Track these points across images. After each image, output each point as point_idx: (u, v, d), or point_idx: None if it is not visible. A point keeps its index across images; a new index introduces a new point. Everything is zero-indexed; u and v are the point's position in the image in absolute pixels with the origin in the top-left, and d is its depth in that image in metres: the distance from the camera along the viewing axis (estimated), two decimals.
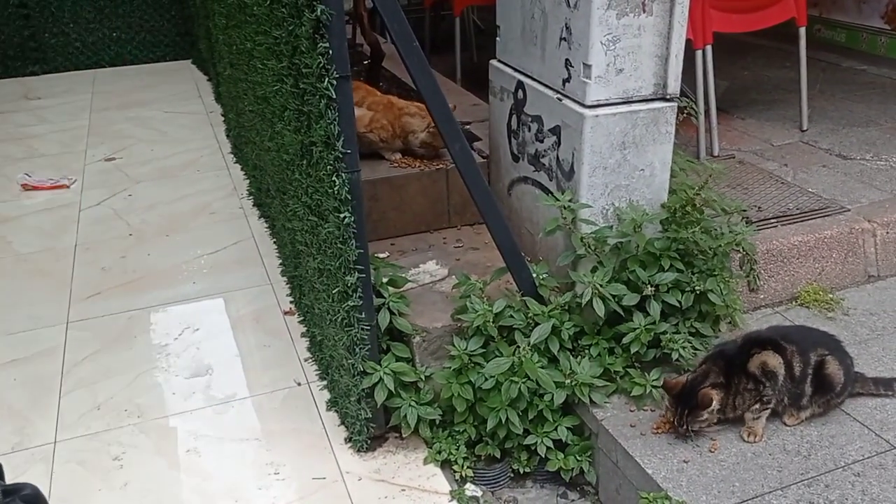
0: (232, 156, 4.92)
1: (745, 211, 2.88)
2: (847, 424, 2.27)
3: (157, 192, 4.47)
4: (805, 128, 3.99)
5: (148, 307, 3.34)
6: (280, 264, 3.58)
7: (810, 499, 2.01)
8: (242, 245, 3.85)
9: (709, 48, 3.58)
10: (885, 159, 3.64)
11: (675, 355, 2.40)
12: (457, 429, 2.49)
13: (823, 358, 2.23)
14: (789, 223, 3.03)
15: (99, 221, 4.15)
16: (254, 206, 4.22)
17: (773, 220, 3.05)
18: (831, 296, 2.88)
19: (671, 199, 2.57)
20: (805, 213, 3.11)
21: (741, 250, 2.60)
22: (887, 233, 3.05)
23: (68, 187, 4.55)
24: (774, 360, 2.19)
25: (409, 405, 2.45)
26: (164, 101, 6.11)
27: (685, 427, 2.16)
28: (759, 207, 3.16)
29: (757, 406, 2.20)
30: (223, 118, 5.42)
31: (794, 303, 2.88)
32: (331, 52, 2.02)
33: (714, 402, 2.15)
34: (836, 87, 4.65)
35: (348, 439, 2.58)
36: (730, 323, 2.64)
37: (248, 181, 4.44)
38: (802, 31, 3.83)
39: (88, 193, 4.48)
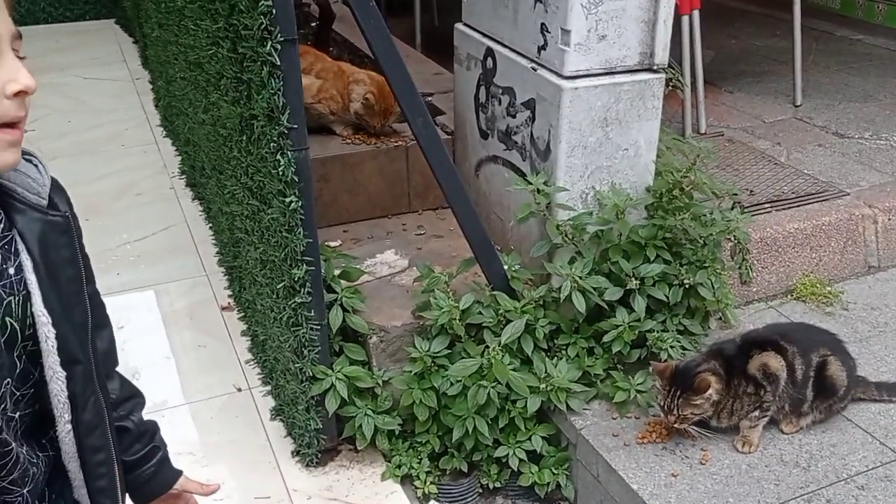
0: (161, 129, 4.83)
1: (736, 195, 2.87)
2: (849, 432, 2.27)
3: (75, 169, 4.35)
4: (799, 103, 4.02)
5: None
6: (217, 253, 3.53)
7: None
8: (174, 231, 3.79)
9: (696, 13, 3.57)
10: (886, 138, 3.67)
11: (662, 355, 2.39)
12: (419, 440, 2.46)
13: (825, 359, 2.23)
14: (784, 208, 3.04)
15: None
16: (186, 186, 4.16)
17: (766, 205, 3.06)
18: (829, 288, 2.89)
19: (657, 183, 2.56)
20: (801, 197, 3.12)
21: (733, 239, 2.60)
22: (889, 219, 3.07)
23: None
24: (776, 362, 2.18)
25: (365, 414, 2.42)
26: (83, 65, 5.96)
27: (676, 413, 2.14)
28: (751, 191, 3.17)
29: (756, 413, 2.19)
30: (151, 86, 5.31)
31: (789, 296, 2.89)
32: (274, 11, 1.95)
33: (711, 389, 2.13)
34: (831, 58, 4.69)
35: (296, 452, 2.55)
36: (720, 319, 2.66)
37: (179, 158, 4.37)
38: None
39: None
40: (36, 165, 1.08)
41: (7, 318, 0.97)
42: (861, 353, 2.54)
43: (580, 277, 2.36)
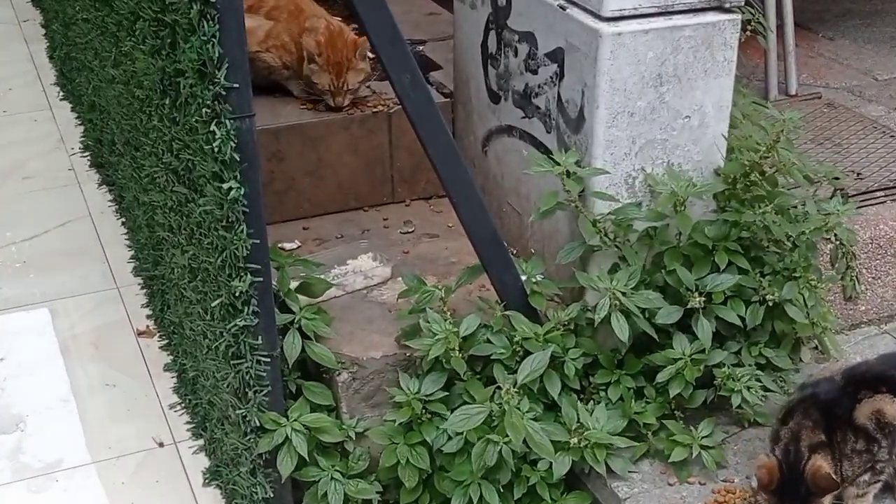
0: (57, 88, 4.84)
1: (837, 179, 2.87)
2: None
3: None
4: None
5: None
6: (132, 258, 3.54)
7: None
8: (74, 227, 3.80)
9: None
10: None
11: (735, 399, 2.39)
12: None
13: None
14: None
15: None
16: (91, 167, 4.17)
17: (878, 194, 3.07)
18: None
19: (730, 164, 2.56)
20: None
21: (834, 239, 2.60)
22: None
23: None
24: (893, 409, 2.17)
25: (332, 478, 2.41)
26: None
27: None
28: (859, 174, 3.18)
29: (866, 477, 2.19)
30: (44, 31, 5.32)
31: None
32: None
33: (836, 485, 2.11)
34: None
35: None
36: (817, 349, 2.66)
37: (82, 129, 4.38)
38: None
39: None
40: None
41: None
42: None
43: (624, 294, 2.36)
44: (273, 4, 3.29)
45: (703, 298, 2.39)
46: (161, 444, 2.82)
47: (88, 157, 4.22)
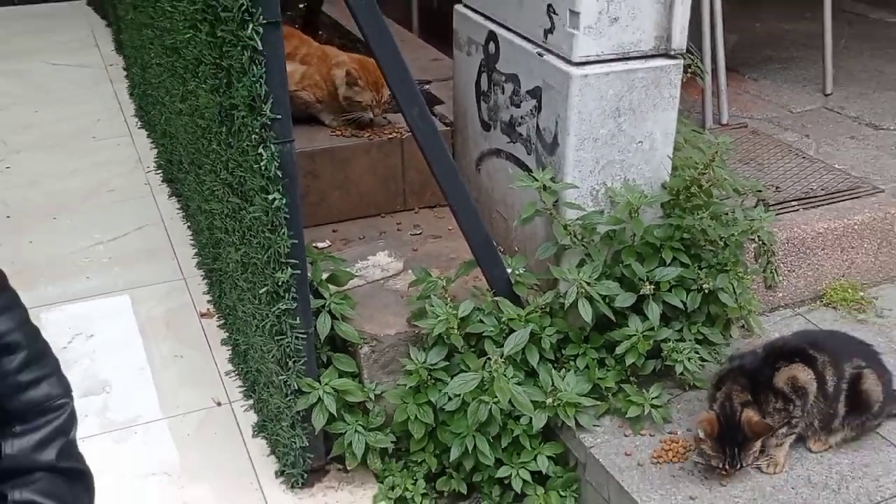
0: (136, 120, 4.82)
1: (760, 192, 2.87)
2: (884, 451, 2.26)
3: (41, 164, 4.36)
4: (829, 91, 4.00)
5: (29, 308, 3.24)
6: (196, 255, 3.52)
7: None
8: (149, 231, 3.78)
9: None
10: None
11: (678, 367, 2.39)
12: (414, 459, 2.46)
13: (860, 371, 2.22)
14: (813, 206, 3.02)
15: None
16: (163, 182, 4.15)
17: (793, 203, 3.05)
18: (862, 294, 2.88)
19: (674, 179, 2.55)
20: (831, 194, 3.11)
21: (757, 240, 2.59)
22: None
23: None
24: (805, 375, 2.17)
25: (356, 430, 2.41)
26: (51, 50, 5.94)
27: (740, 465, 2.12)
28: (777, 187, 3.16)
29: (783, 430, 2.17)
30: (125, 73, 5.30)
31: (818, 302, 2.89)
32: None
33: (768, 427, 2.11)
34: (865, 42, 4.68)
35: (280, 473, 2.54)
36: (743, 327, 2.65)
37: (155, 151, 4.36)
38: None
39: None
40: None
41: None
42: None
43: (589, 283, 2.35)
44: (305, 52, 3.28)
45: (653, 287, 2.38)
46: (219, 404, 2.82)
47: (161, 175, 4.21)
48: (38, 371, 1.20)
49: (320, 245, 2.96)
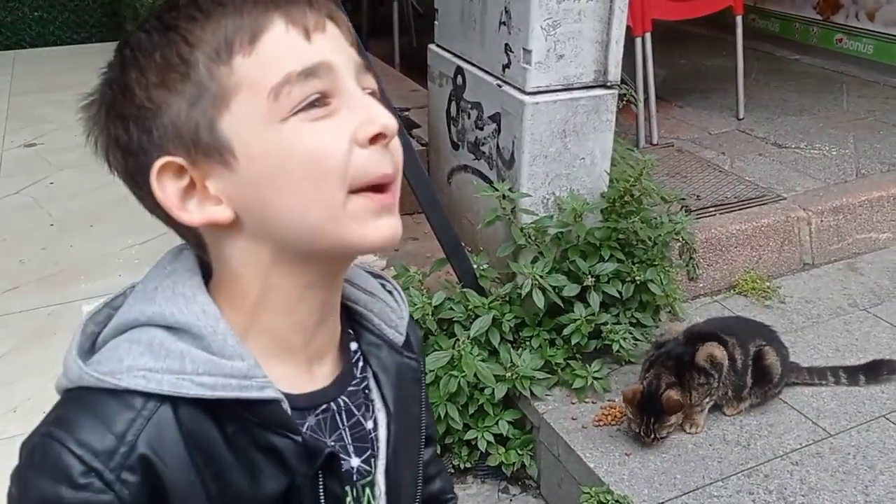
0: None
1: (683, 200, 2.89)
2: (785, 413, 2.29)
3: (80, 180, 4.25)
4: (741, 116, 4.04)
5: (70, 302, 3.18)
6: None
7: (750, 489, 2.02)
8: (173, 235, 3.69)
9: (648, 35, 3.58)
10: (819, 148, 3.70)
11: (615, 346, 2.39)
12: None
13: (761, 349, 2.25)
14: (727, 212, 3.05)
15: (17, 211, 3.94)
16: None
17: (711, 209, 3.07)
18: (768, 284, 2.91)
19: (611, 189, 2.55)
20: (742, 201, 3.14)
21: (681, 239, 2.60)
22: (821, 221, 3.09)
23: None
24: (719, 352, 2.18)
25: None
26: (89, 84, 5.48)
27: (653, 436, 2.12)
28: (698, 196, 3.18)
29: (706, 400, 2.19)
30: None
31: (732, 291, 2.91)
32: None
33: (681, 406, 2.11)
34: (771, 76, 4.72)
35: None
36: (670, 312, 2.66)
37: None
38: (739, 19, 3.86)
39: (6, 182, 4.24)
40: (391, 292, 0.82)
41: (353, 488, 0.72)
42: (796, 342, 2.56)
43: (541, 276, 2.35)
44: None
45: (594, 279, 2.39)
46: None
47: None
48: (438, 466, 1.05)
49: None
